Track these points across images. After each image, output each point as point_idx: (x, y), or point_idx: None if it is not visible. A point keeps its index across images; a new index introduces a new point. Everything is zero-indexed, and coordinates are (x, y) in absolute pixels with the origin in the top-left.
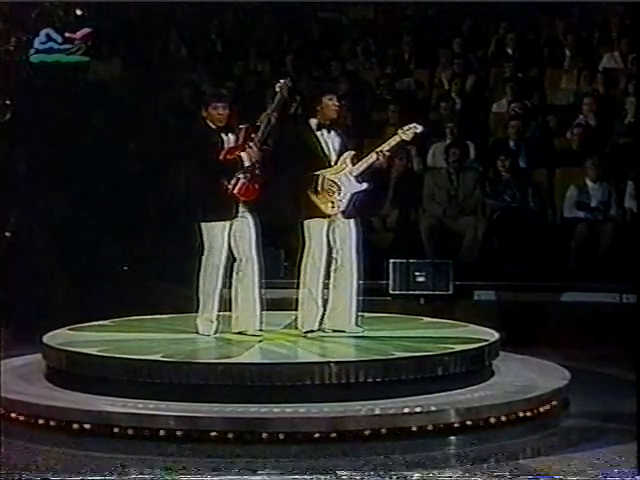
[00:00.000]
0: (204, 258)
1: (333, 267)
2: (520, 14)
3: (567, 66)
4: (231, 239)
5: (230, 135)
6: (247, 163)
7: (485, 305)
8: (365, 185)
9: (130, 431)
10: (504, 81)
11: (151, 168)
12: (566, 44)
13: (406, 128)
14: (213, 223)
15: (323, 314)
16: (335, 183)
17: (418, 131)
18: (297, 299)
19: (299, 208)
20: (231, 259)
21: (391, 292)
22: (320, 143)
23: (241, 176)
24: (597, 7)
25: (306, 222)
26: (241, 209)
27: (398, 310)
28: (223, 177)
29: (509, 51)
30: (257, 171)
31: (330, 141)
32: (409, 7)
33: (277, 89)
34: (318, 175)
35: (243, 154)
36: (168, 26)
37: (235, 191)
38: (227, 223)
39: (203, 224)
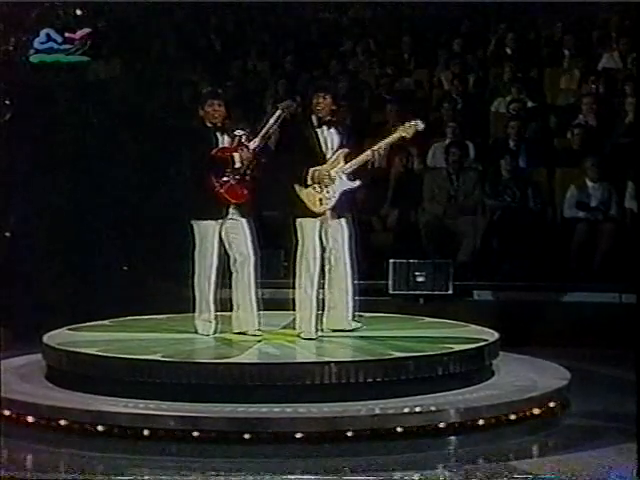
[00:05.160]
0: (196, 257)
1: (327, 267)
2: (519, 14)
3: (566, 66)
4: (225, 239)
5: (225, 137)
6: (238, 164)
7: (485, 305)
8: (357, 183)
9: (130, 431)
10: (504, 81)
11: (151, 167)
12: (565, 44)
13: (407, 125)
14: (204, 222)
15: (321, 315)
16: (325, 177)
17: (420, 128)
18: (294, 300)
19: (291, 206)
20: (226, 259)
21: (391, 292)
22: (318, 140)
23: (230, 177)
24: (596, 7)
25: (298, 221)
26: (231, 211)
27: (398, 310)
28: (212, 176)
29: (508, 51)
30: (247, 176)
31: (329, 138)
32: (409, 7)
33: (280, 108)
34: (308, 170)
35: (235, 154)
36: (167, 26)
37: (223, 191)
38: (218, 223)
39: (194, 222)
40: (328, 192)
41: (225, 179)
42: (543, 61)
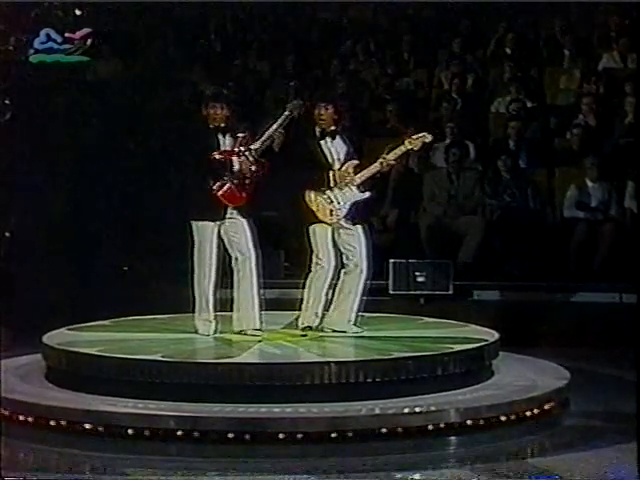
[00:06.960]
0: (195, 257)
1: (343, 270)
2: (519, 14)
3: (566, 66)
4: (224, 238)
5: (227, 137)
6: (236, 167)
7: (485, 305)
8: (367, 194)
9: (130, 431)
10: (503, 81)
11: (151, 168)
12: (565, 44)
13: (415, 137)
14: (203, 222)
15: (324, 314)
16: (331, 197)
17: (427, 141)
18: (301, 299)
19: (303, 213)
20: (227, 259)
21: (391, 292)
22: (323, 151)
23: (228, 180)
24: (596, 7)
25: (311, 227)
26: (230, 211)
27: (398, 310)
28: (210, 178)
29: (508, 51)
30: (247, 180)
31: (334, 149)
32: (409, 7)
33: (288, 109)
34: (326, 176)
35: (234, 158)
36: (167, 26)
37: (219, 194)
38: (216, 223)
39: (193, 223)
40: (339, 203)
41: (223, 182)
42: (543, 61)
